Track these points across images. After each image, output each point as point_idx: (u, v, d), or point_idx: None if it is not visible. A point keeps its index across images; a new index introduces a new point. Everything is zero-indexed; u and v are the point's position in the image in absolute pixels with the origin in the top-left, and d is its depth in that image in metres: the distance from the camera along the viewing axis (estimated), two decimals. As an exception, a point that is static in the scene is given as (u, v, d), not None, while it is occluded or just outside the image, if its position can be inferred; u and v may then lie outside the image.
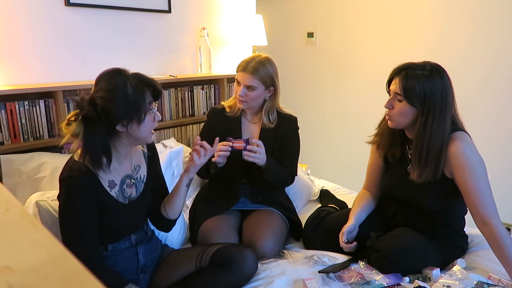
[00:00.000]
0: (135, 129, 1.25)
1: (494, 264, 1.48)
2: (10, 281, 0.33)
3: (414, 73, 1.43)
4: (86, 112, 1.17)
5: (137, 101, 1.22)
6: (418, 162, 1.47)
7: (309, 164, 2.70)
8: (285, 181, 1.85)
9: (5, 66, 1.78)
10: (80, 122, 1.18)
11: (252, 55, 1.80)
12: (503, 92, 2.64)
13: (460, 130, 1.48)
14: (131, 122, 1.23)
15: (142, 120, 1.24)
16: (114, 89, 1.19)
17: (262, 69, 1.72)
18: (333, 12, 3.31)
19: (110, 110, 1.18)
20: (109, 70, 1.24)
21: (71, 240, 1.23)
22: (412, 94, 1.42)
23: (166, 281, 1.44)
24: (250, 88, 1.72)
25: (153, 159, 1.47)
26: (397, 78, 1.46)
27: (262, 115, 1.81)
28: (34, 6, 1.82)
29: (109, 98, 1.18)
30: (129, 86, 1.21)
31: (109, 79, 1.22)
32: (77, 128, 1.18)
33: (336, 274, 1.47)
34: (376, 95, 2.10)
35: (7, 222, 0.44)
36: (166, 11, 2.31)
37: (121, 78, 1.22)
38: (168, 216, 1.47)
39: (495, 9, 2.57)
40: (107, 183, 1.29)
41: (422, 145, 1.45)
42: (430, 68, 1.44)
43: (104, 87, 1.20)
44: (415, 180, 1.48)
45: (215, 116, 1.86)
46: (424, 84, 1.41)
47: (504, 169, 2.66)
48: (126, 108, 1.20)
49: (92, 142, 1.19)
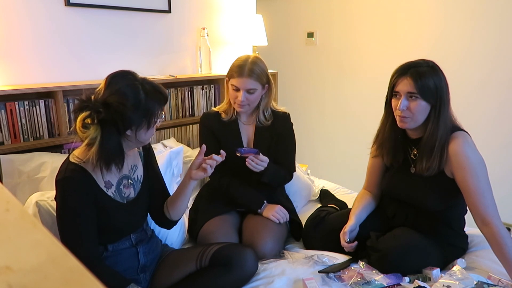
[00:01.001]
0: (142, 133, 1.26)
1: (494, 264, 1.48)
2: (10, 281, 0.33)
3: (421, 70, 1.44)
4: (103, 116, 1.17)
5: (150, 107, 1.23)
6: (429, 156, 1.47)
7: (309, 164, 2.69)
8: (283, 180, 1.86)
9: (5, 66, 1.78)
10: (97, 126, 1.17)
11: (242, 57, 1.76)
12: (503, 92, 2.64)
13: (460, 129, 1.49)
14: (140, 127, 1.24)
15: (151, 126, 1.26)
16: (127, 93, 1.19)
17: (257, 69, 1.71)
18: (333, 12, 3.31)
19: (125, 115, 1.18)
20: (119, 72, 1.24)
21: (69, 241, 1.23)
22: (427, 90, 1.43)
23: (166, 281, 1.44)
24: (250, 91, 1.71)
25: (149, 158, 1.47)
26: (406, 78, 1.45)
27: (257, 114, 1.81)
28: (34, 6, 1.82)
29: (124, 103, 1.18)
30: (141, 91, 1.21)
31: (120, 82, 1.21)
32: (95, 132, 1.17)
33: (336, 274, 1.47)
34: (376, 95, 2.11)
35: (7, 222, 0.44)
36: (166, 11, 2.31)
37: (134, 82, 1.22)
38: (171, 218, 1.48)
39: (495, 10, 2.57)
40: (103, 184, 1.29)
41: (436, 139, 1.45)
42: (431, 64, 1.48)
43: (116, 90, 1.19)
44: (422, 173, 1.49)
45: (210, 121, 1.84)
46: (434, 79, 1.44)
47: (505, 169, 2.66)
48: (139, 113, 1.21)
49: (109, 146, 1.19)
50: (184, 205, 1.47)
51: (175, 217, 1.48)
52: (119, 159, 1.24)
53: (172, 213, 1.47)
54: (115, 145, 1.22)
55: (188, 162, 2.14)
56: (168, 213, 1.48)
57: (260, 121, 1.81)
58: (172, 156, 1.85)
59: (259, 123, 1.82)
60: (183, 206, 1.47)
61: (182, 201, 1.45)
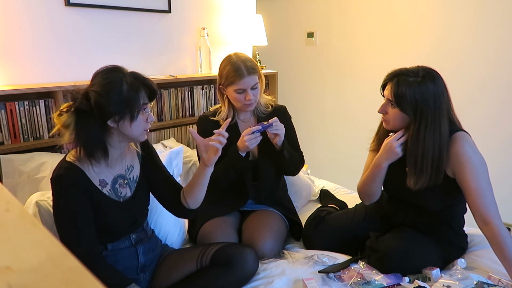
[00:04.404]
0: (126, 126, 1.24)
1: (494, 264, 1.48)
2: (10, 281, 0.33)
3: (406, 80, 1.43)
4: (78, 104, 1.19)
5: (131, 98, 1.22)
6: (414, 170, 1.47)
7: (309, 164, 2.69)
8: (299, 163, 1.83)
9: (5, 66, 1.78)
10: (71, 114, 1.19)
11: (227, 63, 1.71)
12: (503, 93, 2.64)
13: (461, 130, 1.49)
14: (122, 119, 1.22)
15: (134, 118, 1.23)
16: (109, 84, 1.20)
17: (249, 63, 1.69)
18: (333, 12, 3.31)
19: (102, 104, 1.18)
20: (106, 67, 1.25)
21: (68, 239, 1.23)
22: (404, 101, 1.43)
23: (167, 281, 1.44)
24: (254, 86, 1.70)
25: (149, 157, 1.45)
26: (389, 84, 1.47)
27: (257, 106, 1.78)
28: (34, 6, 1.82)
29: (103, 93, 1.19)
30: (124, 83, 1.21)
31: (105, 74, 1.22)
32: (68, 119, 1.19)
33: (336, 274, 1.47)
34: (376, 95, 2.10)
35: (7, 222, 0.44)
36: (166, 11, 2.31)
37: (118, 74, 1.22)
38: (189, 207, 1.44)
39: (495, 11, 2.57)
40: (98, 182, 1.29)
41: (417, 153, 1.45)
42: (423, 74, 1.43)
43: (99, 82, 1.21)
44: (411, 188, 1.48)
45: (208, 123, 1.78)
46: (415, 91, 1.41)
47: (505, 170, 2.66)
48: (119, 104, 1.20)
49: (84, 135, 1.20)
50: (203, 194, 1.43)
51: (194, 206, 1.44)
52: (102, 151, 1.23)
53: (190, 202, 1.42)
54: (94, 135, 1.21)
55: (188, 162, 2.14)
56: (186, 202, 1.43)
57: (261, 111, 1.80)
58: (172, 156, 1.85)
59: (261, 113, 1.80)
60: (202, 194, 1.42)
61: (200, 190, 1.40)
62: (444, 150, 1.43)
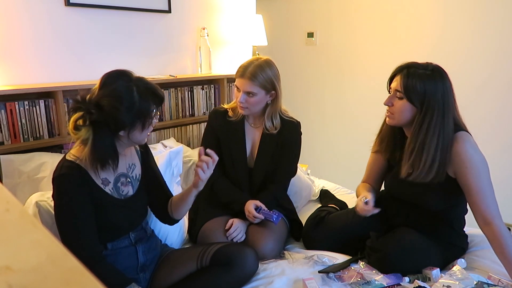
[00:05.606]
0: (136, 134, 1.27)
1: (494, 264, 1.49)
2: (10, 281, 0.33)
3: (416, 71, 1.44)
4: (95, 117, 1.17)
5: (143, 109, 1.23)
6: (408, 158, 1.47)
7: (309, 164, 2.69)
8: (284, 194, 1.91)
9: (5, 66, 1.78)
10: (89, 128, 1.18)
11: (251, 58, 1.75)
12: (504, 93, 2.63)
13: (463, 130, 1.48)
14: (133, 128, 1.24)
15: (146, 128, 1.27)
16: (120, 94, 1.19)
17: (261, 74, 1.66)
18: (333, 12, 3.31)
19: (117, 117, 1.19)
20: (114, 72, 1.24)
21: (69, 238, 1.23)
22: (413, 92, 1.43)
23: (167, 280, 1.44)
24: (249, 94, 1.68)
25: (146, 156, 1.48)
26: (399, 76, 1.47)
27: (264, 119, 1.77)
28: (34, 6, 1.82)
29: (116, 105, 1.18)
30: (135, 92, 1.21)
31: (115, 83, 1.21)
32: (87, 133, 1.18)
33: (336, 274, 1.47)
34: (376, 95, 2.10)
35: (7, 222, 0.44)
36: (166, 11, 2.31)
37: (127, 83, 1.22)
38: (173, 217, 1.49)
39: (496, 11, 2.57)
40: (100, 181, 1.29)
41: (415, 142, 1.45)
42: (432, 68, 1.45)
43: (110, 92, 1.19)
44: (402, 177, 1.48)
45: (217, 119, 1.83)
46: (425, 83, 1.42)
47: (506, 170, 2.66)
48: (132, 115, 1.21)
49: (101, 147, 1.20)
50: (185, 210, 1.48)
51: (177, 217, 1.50)
52: (113, 159, 1.25)
53: (175, 213, 1.48)
54: (108, 146, 1.22)
55: (187, 162, 2.14)
56: (171, 212, 1.49)
57: (267, 127, 1.78)
58: (172, 156, 1.85)
59: (266, 130, 1.78)
60: (185, 210, 1.47)
61: (184, 206, 1.45)
62: (445, 147, 1.43)
